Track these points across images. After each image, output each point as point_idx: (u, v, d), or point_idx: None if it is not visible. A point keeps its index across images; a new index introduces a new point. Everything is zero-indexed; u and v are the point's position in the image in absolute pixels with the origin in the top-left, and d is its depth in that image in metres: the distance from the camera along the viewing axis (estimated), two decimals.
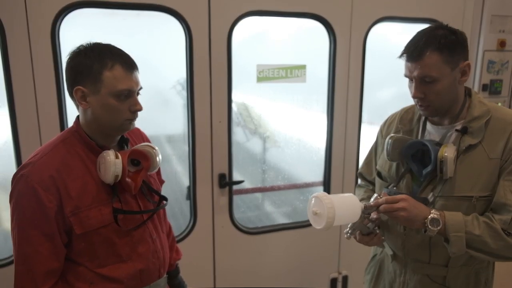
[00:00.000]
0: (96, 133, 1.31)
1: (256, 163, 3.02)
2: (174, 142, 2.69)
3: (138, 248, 1.36)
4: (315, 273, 2.70)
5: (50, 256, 1.24)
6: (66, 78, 1.27)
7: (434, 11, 2.54)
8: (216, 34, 2.18)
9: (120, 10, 2.05)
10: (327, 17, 2.36)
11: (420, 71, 1.30)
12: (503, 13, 2.59)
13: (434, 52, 1.29)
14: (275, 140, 2.97)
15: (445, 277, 1.46)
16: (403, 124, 1.56)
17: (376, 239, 1.49)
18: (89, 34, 2.05)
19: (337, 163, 2.58)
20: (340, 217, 1.28)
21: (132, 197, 1.37)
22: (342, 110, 2.51)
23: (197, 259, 2.38)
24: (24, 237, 1.22)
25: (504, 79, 2.70)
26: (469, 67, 1.35)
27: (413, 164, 1.46)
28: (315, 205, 1.32)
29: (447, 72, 1.31)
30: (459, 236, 1.29)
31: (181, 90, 2.47)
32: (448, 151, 1.33)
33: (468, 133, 1.37)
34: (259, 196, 2.95)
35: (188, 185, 2.35)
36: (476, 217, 1.33)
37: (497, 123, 1.36)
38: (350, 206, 1.34)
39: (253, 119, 2.96)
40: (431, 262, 1.47)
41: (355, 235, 1.50)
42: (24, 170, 1.22)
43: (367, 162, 1.78)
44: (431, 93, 1.33)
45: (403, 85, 2.98)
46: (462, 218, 1.31)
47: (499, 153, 1.34)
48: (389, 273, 1.62)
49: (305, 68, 2.43)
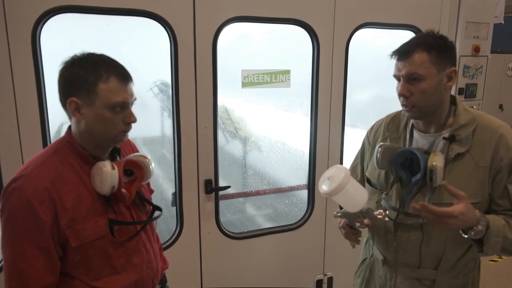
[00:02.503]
0: (89, 144, 1.29)
1: (238, 166, 3.03)
2: (151, 144, 2.66)
3: (132, 259, 1.35)
4: (300, 275, 2.73)
5: (45, 271, 1.21)
6: (59, 88, 1.24)
7: (413, 18, 2.62)
8: (201, 40, 2.16)
9: (104, 15, 2.01)
10: (311, 23, 2.39)
11: (408, 69, 1.36)
12: (477, 20, 2.70)
13: (423, 51, 1.35)
14: (257, 143, 2.99)
15: (434, 280, 1.51)
16: (390, 131, 1.59)
17: (352, 236, 1.54)
18: (71, 39, 2.03)
19: (321, 167, 2.61)
20: (345, 194, 1.31)
21: (125, 207, 1.36)
22: (325, 114, 2.55)
23: (184, 266, 2.37)
24: (19, 253, 1.18)
25: (478, 83, 2.81)
26: (455, 73, 1.40)
27: (402, 172, 1.49)
28: (334, 172, 1.34)
29: (434, 73, 1.36)
30: (497, 240, 1.34)
31: (158, 92, 2.45)
32: (437, 160, 1.37)
33: (456, 141, 1.41)
34: (241, 200, 2.96)
35: (173, 191, 2.33)
36: (508, 222, 1.37)
37: (483, 131, 1.41)
38: (357, 196, 1.37)
39: (234, 122, 2.96)
40: (421, 266, 1.51)
41: (340, 220, 1.55)
42: (16, 183, 1.18)
43: (353, 167, 1.82)
44: (417, 91, 1.37)
45: (382, 88, 3.06)
46: (501, 224, 1.35)
47: (487, 161, 1.39)
48: (380, 277, 1.65)
49: (289, 73, 2.45)
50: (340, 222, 1.57)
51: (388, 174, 1.55)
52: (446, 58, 1.38)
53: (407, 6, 2.60)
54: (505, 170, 1.38)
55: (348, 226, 1.52)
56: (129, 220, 1.36)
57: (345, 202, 1.39)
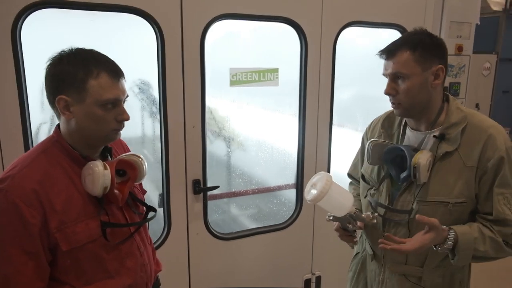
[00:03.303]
0: (79, 144, 1.23)
1: (225, 166, 2.99)
2: (131, 145, 2.60)
3: (126, 263, 1.30)
4: (289, 275, 2.72)
5: (33, 276, 1.15)
6: (47, 86, 1.19)
7: (398, 17, 2.64)
8: (189, 37, 2.12)
9: (88, 11, 1.94)
10: (298, 21, 2.38)
11: (392, 68, 1.38)
12: (460, 20, 2.75)
13: (407, 50, 1.36)
14: (244, 143, 2.96)
15: (420, 277, 1.52)
16: (385, 128, 1.60)
17: (347, 238, 1.55)
18: (54, 36, 1.96)
19: (309, 166, 2.61)
20: (328, 200, 1.34)
21: (118, 209, 1.31)
22: (313, 112, 2.54)
23: (172, 267, 2.31)
24: (5, 257, 1.12)
25: (461, 82, 2.86)
26: (442, 71, 1.40)
27: (392, 168, 1.50)
28: (318, 179, 1.37)
29: (418, 72, 1.36)
30: (467, 253, 1.37)
31: (138, 92, 2.40)
32: (421, 157, 1.38)
33: (446, 139, 1.41)
34: (225, 200, 2.92)
35: (156, 192, 2.28)
36: (482, 232, 1.38)
37: (473, 130, 1.41)
38: (342, 201, 1.39)
39: (217, 122, 2.93)
40: (408, 263, 1.53)
41: (334, 223, 1.56)
42: (1, 184, 1.12)
43: (354, 163, 1.86)
44: (401, 90, 1.39)
45: (364, 87, 3.08)
46: (472, 237, 1.37)
47: (475, 161, 1.39)
48: (370, 272, 1.68)
49: (277, 72, 2.43)
50: (334, 225, 1.57)
51: (380, 171, 1.57)
52: (432, 56, 1.38)
53: (393, 6, 2.62)
54: (491, 171, 1.38)
55: (341, 229, 1.53)
56: (122, 222, 1.31)
57: (330, 208, 1.41)
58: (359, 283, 1.75)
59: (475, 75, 6.02)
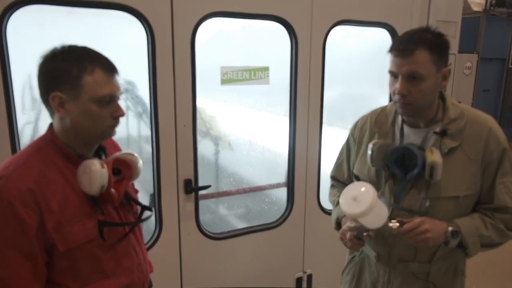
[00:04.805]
0: (74, 142, 1.21)
1: (216, 166, 2.97)
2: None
3: (123, 262, 1.28)
4: (281, 273, 2.72)
5: (30, 278, 1.12)
6: (40, 84, 1.16)
7: (387, 16, 2.67)
8: (180, 35, 2.10)
9: (77, 8, 1.90)
10: (289, 19, 2.38)
11: (409, 67, 1.33)
12: (445, 19, 2.79)
13: (425, 50, 1.32)
14: (234, 142, 2.94)
15: (428, 273, 1.53)
16: (378, 126, 1.59)
17: (357, 246, 1.52)
18: (41, 33, 1.91)
19: (299, 165, 2.61)
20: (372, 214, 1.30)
21: (113, 208, 1.28)
22: (304, 111, 2.54)
23: (163, 268, 2.27)
24: (1, 259, 1.09)
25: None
26: (449, 73, 1.41)
27: (396, 168, 1.48)
28: (360, 192, 1.33)
29: (433, 73, 1.35)
30: (475, 240, 1.40)
31: (123, 91, 2.36)
32: (436, 156, 1.38)
33: (448, 135, 1.43)
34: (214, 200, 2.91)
35: (150, 192, 2.24)
36: (483, 220, 1.43)
37: (473, 125, 1.44)
38: (382, 213, 1.37)
39: (205, 121, 2.91)
40: (416, 260, 1.53)
41: (345, 232, 1.51)
42: None
43: (338, 164, 1.80)
44: (416, 91, 1.35)
45: (353, 86, 3.09)
46: (473, 224, 1.41)
47: (479, 154, 1.42)
48: (371, 274, 1.65)
49: (268, 70, 2.43)
50: (344, 235, 1.52)
51: (380, 171, 1.54)
52: (444, 57, 1.39)
53: (381, 5, 2.64)
54: (495, 162, 1.43)
55: (354, 238, 1.49)
56: (117, 221, 1.29)
57: (370, 221, 1.37)
58: (360, 286, 1.71)
59: (457, 74, 6.15)
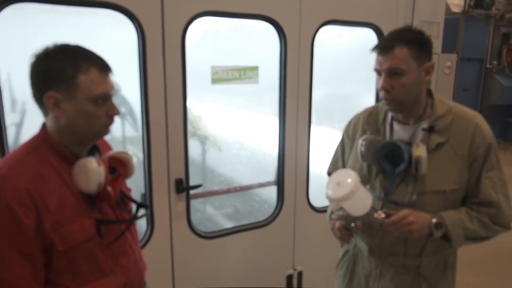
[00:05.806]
0: (69, 141, 1.20)
1: (205, 165, 2.97)
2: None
3: (120, 261, 1.29)
4: (271, 271, 2.74)
5: (30, 279, 1.11)
6: (32, 84, 1.15)
7: (372, 16, 2.72)
8: (170, 34, 2.10)
9: (64, 6, 1.88)
10: (278, 19, 2.40)
11: (389, 63, 1.40)
12: (429, 19, 2.86)
13: (404, 46, 1.39)
14: (223, 142, 2.95)
15: (419, 266, 1.57)
16: (370, 124, 1.64)
17: (346, 236, 1.56)
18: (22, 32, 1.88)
19: (289, 163, 2.63)
20: (355, 199, 1.33)
21: (109, 207, 1.28)
22: (293, 110, 2.57)
23: (155, 267, 2.27)
24: (1, 261, 1.08)
25: (431, 79, 2.97)
26: (432, 68, 1.46)
27: (385, 163, 1.53)
28: (343, 177, 1.36)
29: (414, 67, 1.41)
30: (459, 233, 1.44)
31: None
32: (421, 150, 1.43)
33: (435, 131, 1.48)
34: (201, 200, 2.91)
35: (141, 191, 2.23)
36: (468, 213, 1.48)
37: (460, 121, 1.50)
38: (365, 200, 1.40)
39: (192, 121, 2.91)
40: (407, 254, 1.57)
41: (334, 222, 1.55)
42: None
43: (334, 162, 1.85)
44: (398, 85, 1.41)
45: (340, 86, 3.13)
46: (458, 216, 1.46)
47: (465, 149, 1.47)
48: (365, 267, 1.69)
49: (257, 70, 2.45)
50: (334, 225, 1.56)
51: (371, 167, 1.59)
52: (424, 53, 1.44)
53: (367, 5, 2.69)
54: (481, 157, 1.48)
55: (342, 228, 1.53)
56: (114, 220, 1.28)
57: (352, 207, 1.40)
58: (353, 279, 1.75)
59: (438, 74, 6.30)
